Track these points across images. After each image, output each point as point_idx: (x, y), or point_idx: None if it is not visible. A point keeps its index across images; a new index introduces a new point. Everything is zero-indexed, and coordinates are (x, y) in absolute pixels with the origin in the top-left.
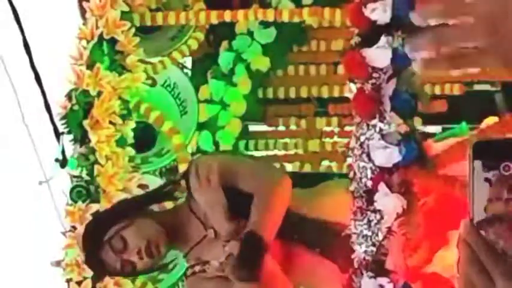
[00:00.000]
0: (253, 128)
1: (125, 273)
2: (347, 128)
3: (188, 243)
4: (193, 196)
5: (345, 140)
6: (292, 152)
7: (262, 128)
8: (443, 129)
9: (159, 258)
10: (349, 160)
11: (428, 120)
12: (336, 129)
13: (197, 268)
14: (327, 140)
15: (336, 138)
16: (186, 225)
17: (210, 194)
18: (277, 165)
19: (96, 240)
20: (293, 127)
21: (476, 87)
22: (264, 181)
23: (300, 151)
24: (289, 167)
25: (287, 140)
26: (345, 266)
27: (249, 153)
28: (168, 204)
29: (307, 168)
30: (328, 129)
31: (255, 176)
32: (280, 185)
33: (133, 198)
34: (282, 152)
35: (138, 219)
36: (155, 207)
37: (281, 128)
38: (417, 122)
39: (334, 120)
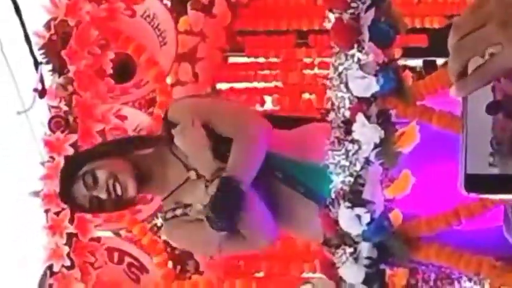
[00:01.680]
0: (233, 59)
1: (92, 208)
2: (327, 60)
3: (167, 187)
4: (174, 138)
5: (325, 72)
6: (271, 84)
7: (242, 59)
8: (424, 62)
9: (126, 197)
10: (328, 92)
11: (409, 53)
12: (316, 61)
13: (178, 211)
14: (307, 71)
15: (316, 70)
16: (166, 168)
17: (192, 133)
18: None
19: (71, 175)
20: (273, 59)
21: None
22: (242, 125)
23: (279, 84)
24: (268, 100)
25: (266, 71)
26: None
27: (229, 85)
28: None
29: (286, 101)
30: (308, 60)
31: (233, 120)
32: (258, 128)
33: (115, 140)
34: (261, 85)
35: (113, 158)
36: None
37: (261, 59)
38: (396, 53)
39: (314, 51)
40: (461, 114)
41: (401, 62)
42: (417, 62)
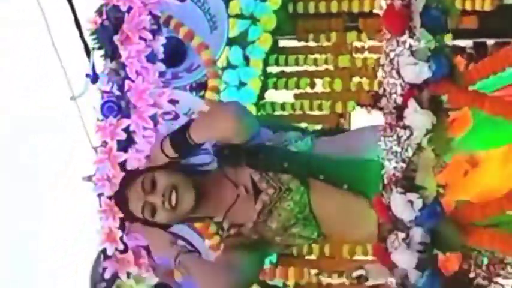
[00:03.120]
0: (283, 42)
1: (143, 217)
2: (377, 44)
3: (221, 208)
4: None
5: (375, 56)
6: (322, 67)
7: (293, 43)
8: (474, 44)
9: (179, 215)
10: (379, 77)
11: (458, 35)
12: (367, 45)
13: (232, 231)
14: (357, 55)
15: (366, 54)
16: (220, 188)
17: None
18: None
19: (131, 178)
20: (323, 42)
21: (508, 0)
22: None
23: (330, 67)
24: (319, 83)
25: (317, 55)
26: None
27: (280, 68)
28: None
29: (338, 84)
30: (358, 44)
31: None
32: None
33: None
34: (312, 68)
35: (175, 171)
36: None
37: (311, 43)
38: (447, 38)
39: (364, 35)
40: None
41: (451, 43)
42: (467, 43)
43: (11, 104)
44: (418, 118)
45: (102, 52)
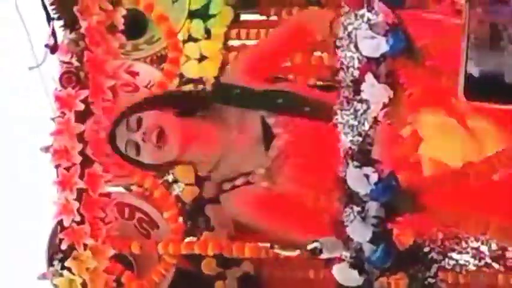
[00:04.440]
0: (244, 16)
1: (127, 154)
2: None
3: (213, 154)
4: None
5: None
6: None
7: (254, 17)
8: None
9: (167, 155)
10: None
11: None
12: None
13: (239, 181)
14: None
15: None
16: (214, 131)
17: None
18: None
19: (120, 117)
20: (285, 16)
21: None
22: None
23: None
24: None
25: None
26: None
27: (241, 42)
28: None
29: (298, 58)
30: None
31: None
32: None
33: (171, 92)
34: None
35: (165, 111)
36: None
37: (273, 17)
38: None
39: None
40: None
41: None
42: None
43: None
44: (375, 92)
45: (62, 22)
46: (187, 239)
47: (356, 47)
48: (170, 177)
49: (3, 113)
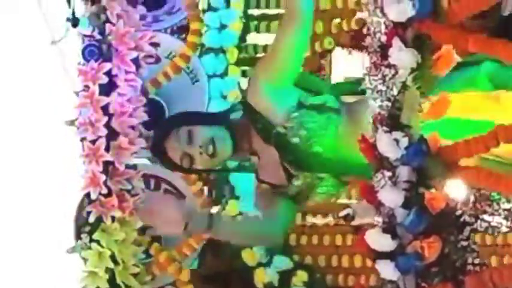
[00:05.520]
0: None
1: (182, 166)
2: None
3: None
4: None
5: None
6: None
7: None
8: None
9: (219, 161)
10: (362, 15)
11: None
12: None
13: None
14: None
15: None
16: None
17: None
18: None
19: (166, 129)
20: None
21: None
22: None
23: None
24: None
25: None
26: None
27: (261, 10)
28: None
29: (319, 27)
30: None
31: None
32: None
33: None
34: None
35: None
36: None
37: None
38: None
39: None
40: None
41: None
42: None
43: None
44: (403, 56)
45: None
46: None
47: (382, 11)
48: None
49: (25, 87)
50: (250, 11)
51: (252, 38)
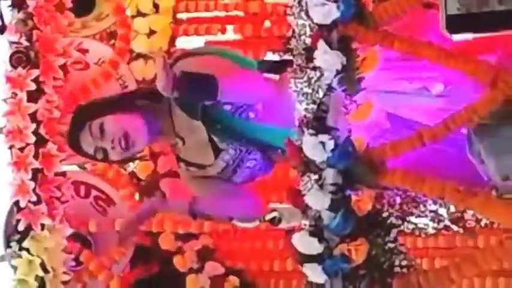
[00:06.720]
0: None
1: (97, 158)
2: None
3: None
4: None
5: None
6: (232, 13)
7: None
8: None
9: (135, 151)
10: (289, 19)
11: None
12: None
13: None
14: (268, 0)
15: None
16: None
17: None
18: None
19: (80, 121)
20: None
21: None
22: None
23: (241, 13)
24: (230, 28)
25: (227, 0)
26: None
27: (190, 14)
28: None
29: (249, 30)
30: None
31: None
32: None
33: (126, 92)
34: (222, 14)
35: (122, 112)
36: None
37: None
38: None
39: None
40: None
41: None
42: None
43: None
44: (328, 59)
45: (9, 2)
46: None
47: (307, 14)
48: None
49: None
50: (179, 15)
51: (181, 42)
